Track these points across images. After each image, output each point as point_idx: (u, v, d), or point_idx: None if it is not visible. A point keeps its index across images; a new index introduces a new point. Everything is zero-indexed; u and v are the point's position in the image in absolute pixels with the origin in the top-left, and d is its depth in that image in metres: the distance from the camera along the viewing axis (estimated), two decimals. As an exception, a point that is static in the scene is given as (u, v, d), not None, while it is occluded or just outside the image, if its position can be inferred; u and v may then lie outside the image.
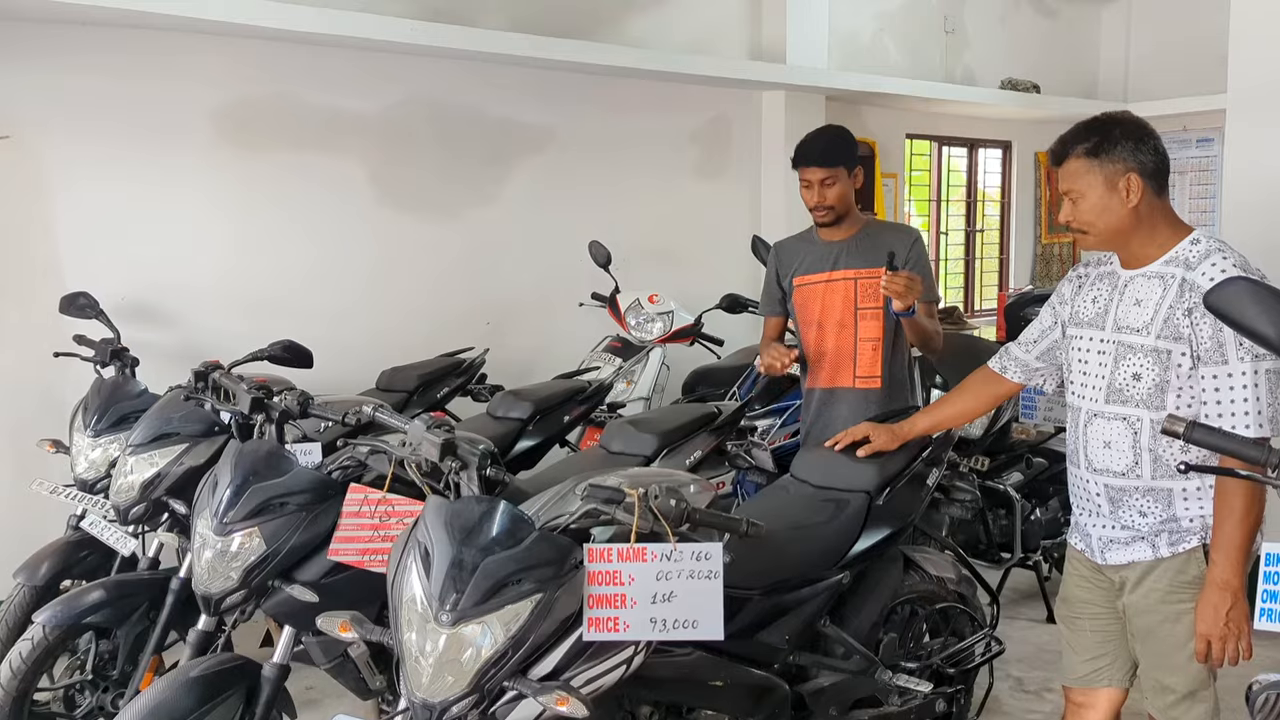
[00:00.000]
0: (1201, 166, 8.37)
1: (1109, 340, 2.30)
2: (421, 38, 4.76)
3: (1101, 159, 2.23)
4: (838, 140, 3.31)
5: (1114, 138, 2.23)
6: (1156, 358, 2.20)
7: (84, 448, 3.40)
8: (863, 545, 2.61)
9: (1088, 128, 2.28)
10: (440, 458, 2.16)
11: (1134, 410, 2.25)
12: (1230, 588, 2.13)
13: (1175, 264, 2.22)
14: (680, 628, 1.93)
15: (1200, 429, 1.83)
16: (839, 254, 3.35)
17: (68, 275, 4.28)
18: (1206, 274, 2.15)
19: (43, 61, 4.22)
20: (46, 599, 3.11)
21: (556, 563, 1.89)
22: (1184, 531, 2.25)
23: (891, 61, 7.39)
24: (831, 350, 3.36)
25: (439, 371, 4.51)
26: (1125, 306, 2.28)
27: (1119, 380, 2.27)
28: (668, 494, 1.94)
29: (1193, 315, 2.15)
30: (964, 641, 2.92)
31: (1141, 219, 2.24)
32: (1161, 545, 2.27)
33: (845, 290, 3.32)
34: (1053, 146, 2.33)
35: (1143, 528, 2.29)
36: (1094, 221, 2.27)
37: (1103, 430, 2.31)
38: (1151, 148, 2.23)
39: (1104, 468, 2.32)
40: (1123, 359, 2.26)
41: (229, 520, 2.41)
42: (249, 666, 2.52)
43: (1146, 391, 2.23)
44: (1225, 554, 2.14)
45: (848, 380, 3.35)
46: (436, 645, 1.83)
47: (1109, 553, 2.35)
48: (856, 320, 3.32)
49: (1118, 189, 2.22)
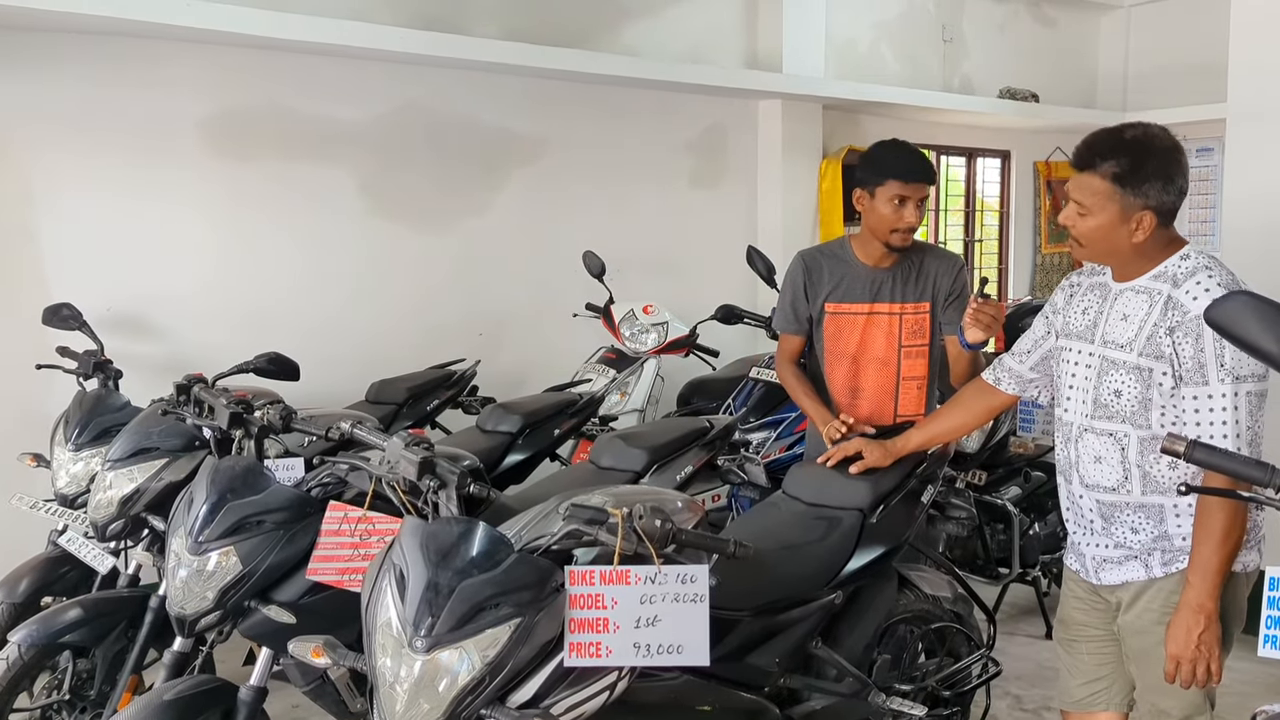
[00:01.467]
0: (1201, 176, 8.31)
1: (1095, 354, 2.27)
2: (413, 46, 4.72)
3: (1125, 190, 2.14)
4: (927, 158, 3.11)
5: (1145, 173, 2.13)
6: (1138, 375, 2.18)
7: (65, 462, 3.35)
8: (856, 564, 2.55)
9: (1124, 147, 2.16)
10: (418, 476, 2.10)
11: (1119, 426, 2.23)
12: (1204, 610, 2.10)
13: (1163, 279, 2.19)
14: (665, 653, 1.87)
15: (1201, 448, 1.77)
16: (881, 283, 3.11)
17: (53, 285, 4.22)
18: (1190, 292, 2.12)
19: (28, 69, 4.17)
20: (26, 616, 3.05)
21: (536, 586, 1.83)
22: (1176, 551, 2.22)
23: (889, 70, 7.35)
24: (871, 388, 3.15)
25: (429, 384, 4.46)
26: (1113, 321, 2.25)
27: (1103, 395, 2.24)
28: (652, 514, 1.88)
29: (1175, 335, 2.12)
30: (960, 662, 2.85)
31: (1142, 249, 2.20)
32: (1155, 565, 2.25)
33: (889, 326, 3.11)
34: (1079, 148, 2.23)
35: (1135, 545, 2.26)
36: (1095, 241, 2.22)
37: (1093, 445, 2.28)
38: (1179, 188, 2.16)
39: (1095, 483, 2.29)
40: (1106, 374, 2.24)
41: (204, 539, 2.35)
42: (225, 688, 2.46)
43: (1129, 408, 2.21)
44: (1201, 576, 2.11)
45: (888, 419, 3.14)
46: (411, 671, 1.77)
47: (1103, 572, 2.33)
48: (900, 358, 3.11)
49: (1129, 222, 2.16)
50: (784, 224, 6.37)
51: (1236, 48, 4.26)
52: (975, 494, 3.93)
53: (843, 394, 3.20)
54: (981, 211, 8.67)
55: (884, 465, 2.69)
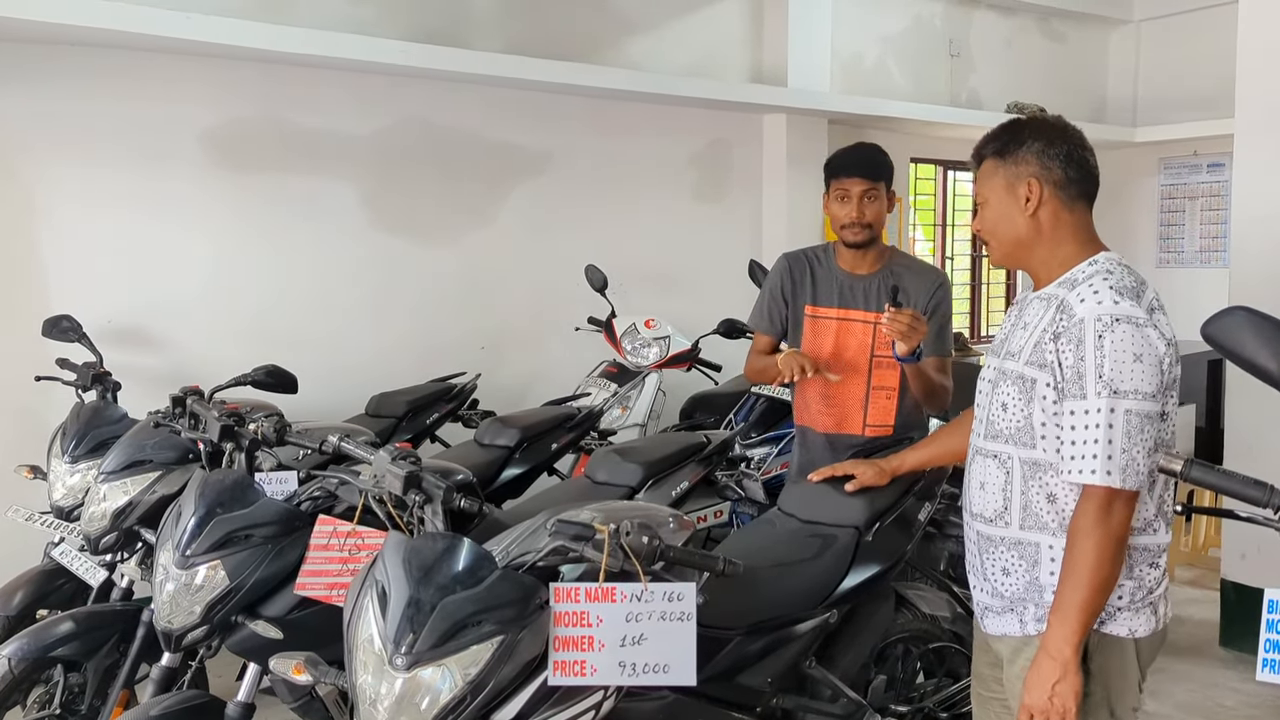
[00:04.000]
0: (1212, 192, 8.27)
1: (994, 367, 2.09)
2: (415, 60, 4.72)
3: (1006, 160, 2.04)
4: (881, 154, 3.08)
5: (1021, 138, 2.04)
6: (1021, 386, 1.97)
7: (61, 474, 3.34)
8: (851, 582, 2.50)
9: (1002, 128, 2.10)
10: (404, 490, 2.08)
11: (1004, 446, 2.02)
12: (1061, 657, 1.87)
13: (1065, 284, 1.99)
14: (650, 672, 1.84)
15: (1198, 467, 1.73)
16: (858, 291, 3.08)
17: (53, 297, 4.23)
18: (1081, 295, 1.92)
19: (28, 82, 4.19)
20: (21, 629, 3.03)
21: (520, 603, 1.80)
22: (1048, 605, 1.95)
23: (895, 84, 7.33)
24: (840, 395, 3.10)
25: (429, 397, 4.44)
26: (1015, 330, 2.06)
27: (993, 410, 2.04)
28: (640, 530, 1.85)
29: (1059, 341, 1.91)
30: (959, 683, 2.80)
31: (1043, 232, 2.02)
32: (1029, 620, 2.01)
33: (862, 334, 3.06)
34: (972, 151, 2.15)
35: (1007, 592, 2.04)
36: (995, 229, 2.08)
37: (980, 469, 2.09)
38: (1064, 152, 2.01)
39: (978, 511, 2.09)
40: (997, 386, 2.04)
41: (191, 553, 2.34)
42: (213, 704, 2.45)
43: (1014, 424, 1.99)
44: (1061, 618, 1.87)
45: (856, 428, 3.10)
46: (392, 689, 1.74)
47: (986, 620, 2.12)
48: (871, 367, 3.07)
49: (1017, 194, 2.02)
50: (788, 239, 6.33)
51: (1244, 62, 4.22)
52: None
53: (814, 399, 3.17)
54: (989, 226, 8.62)
55: (879, 484, 2.63)
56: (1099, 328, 1.86)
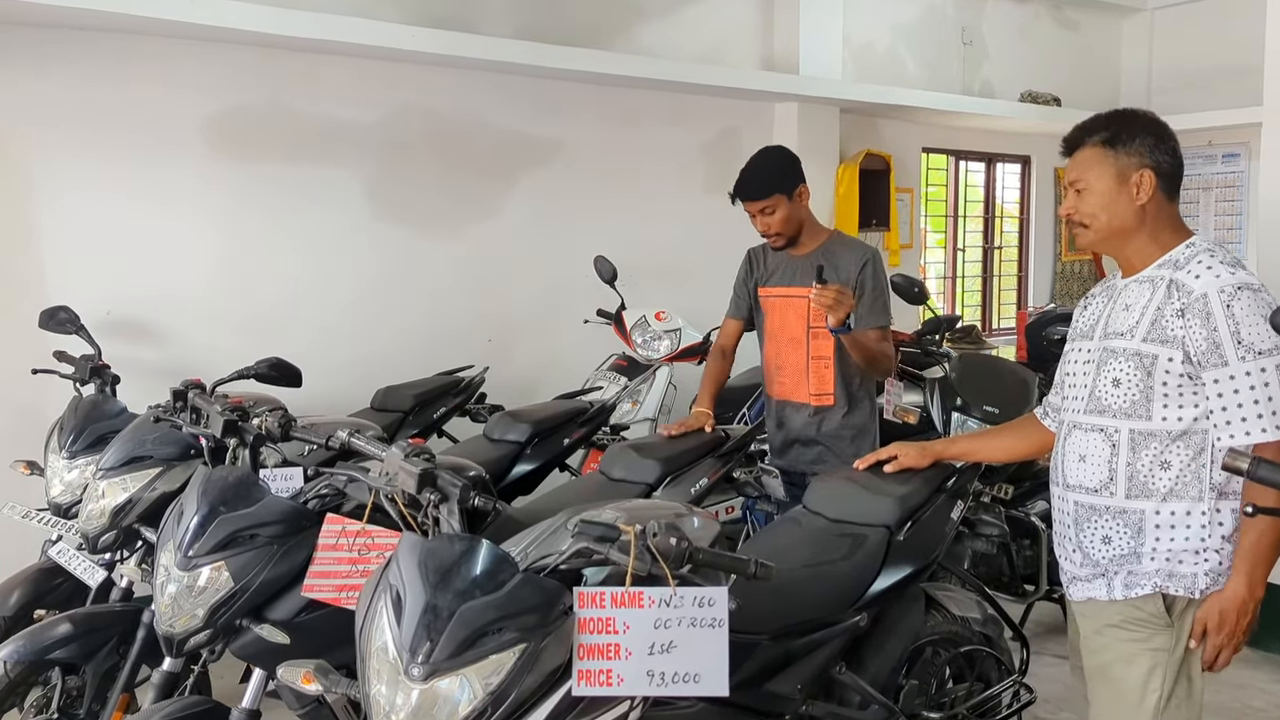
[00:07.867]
0: (1227, 182, 8.16)
1: (1096, 348, 2.19)
2: (422, 45, 4.63)
3: (1118, 150, 2.14)
4: (770, 167, 3.29)
5: (1134, 130, 2.14)
6: (1139, 362, 2.08)
7: (59, 470, 3.27)
8: (882, 584, 2.41)
9: (1108, 117, 2.20)
10: (418, 489, 1.97)
11: (1111, 421, 2.13)
12: (1255, 596, 2.07)
13: (1166, 266, 2.13)
14: (680, 681, 1.74)
15: (1266, 465, 1.63)
16: (797, 271, 3.36)
17: (51, 288, 4.14)
18: (1193, 271, 2.06)
19: (27, 67, 4.09)
20: (17, 630, 2.94)
21: (543, 609, 1.70)
22: (1141, 574, 2.11)
23: (908, 73, 7.24)
24: (788, 365, 3.40)
25: (436, 391, 4.36)
26: (1116, 313, 2.17)
27: (1100, 388, 2.15)
28: (667, 531, 1.75)
29: (1185, 316, 2.03)
30: (991, 689, 2.71)
31: (1147, 220, 2.14)
32: (1117, 586, 2.14)
33: (800, 308, 3.32)
34: (1067, 135, 2.23)
35: (1102, 560, 2.16)
36: (1098, 214, 2.16)
37: (1079, 443, 2.19)
38: (1170, 148, 2.14)
39: (1077, 483, 2.20)
40: (1105, 364, 2.15)
41: (194, 553, 2.24)
42: (217, 711, 2.36)
43: (1127, 400, 2.10)
44: (1253, 563, 2.05)
45: (803, 396, 3.38)
46: (408, 700, 1.64)
47: (1074, 588, 2.24)
48: (808, 338, 3.33)
49: (1129, 184, 2.12)
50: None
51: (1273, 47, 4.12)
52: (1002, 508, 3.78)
53: (771, 370, 3.48)
54: (1001, 218, 8.52)
55: (920, 465, 2.58)
56: (1224, 298, 2.00)
